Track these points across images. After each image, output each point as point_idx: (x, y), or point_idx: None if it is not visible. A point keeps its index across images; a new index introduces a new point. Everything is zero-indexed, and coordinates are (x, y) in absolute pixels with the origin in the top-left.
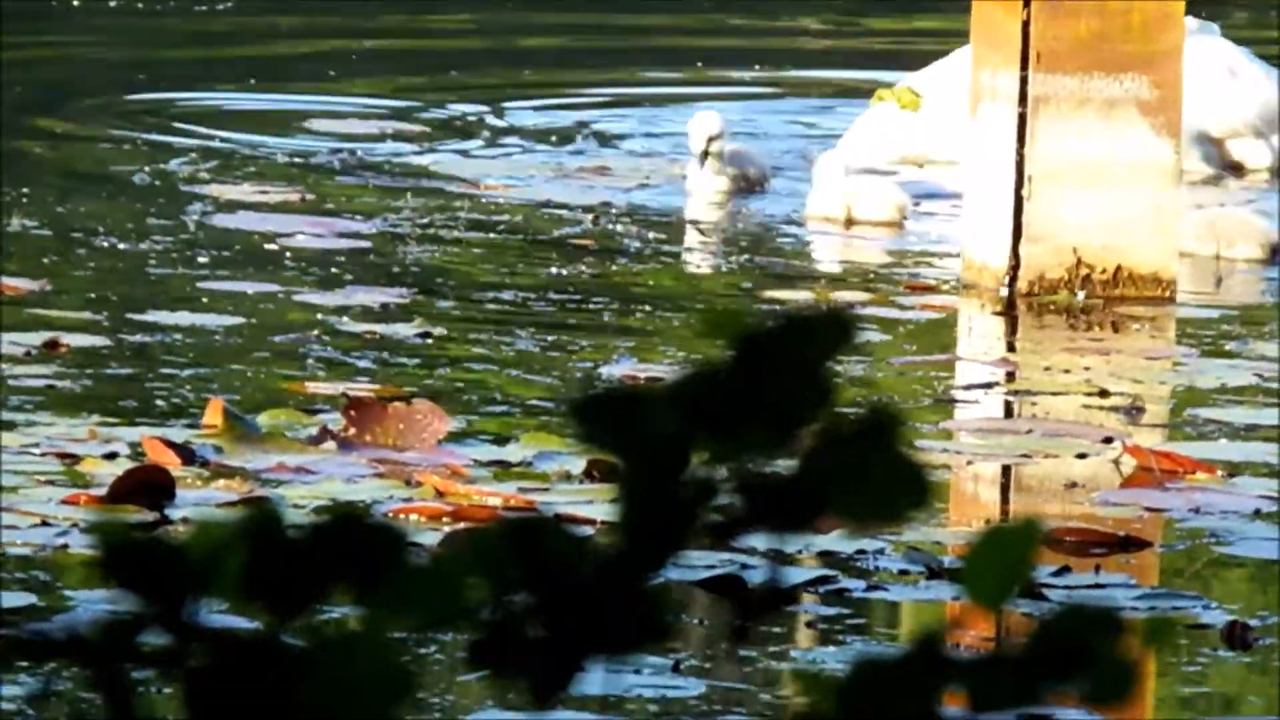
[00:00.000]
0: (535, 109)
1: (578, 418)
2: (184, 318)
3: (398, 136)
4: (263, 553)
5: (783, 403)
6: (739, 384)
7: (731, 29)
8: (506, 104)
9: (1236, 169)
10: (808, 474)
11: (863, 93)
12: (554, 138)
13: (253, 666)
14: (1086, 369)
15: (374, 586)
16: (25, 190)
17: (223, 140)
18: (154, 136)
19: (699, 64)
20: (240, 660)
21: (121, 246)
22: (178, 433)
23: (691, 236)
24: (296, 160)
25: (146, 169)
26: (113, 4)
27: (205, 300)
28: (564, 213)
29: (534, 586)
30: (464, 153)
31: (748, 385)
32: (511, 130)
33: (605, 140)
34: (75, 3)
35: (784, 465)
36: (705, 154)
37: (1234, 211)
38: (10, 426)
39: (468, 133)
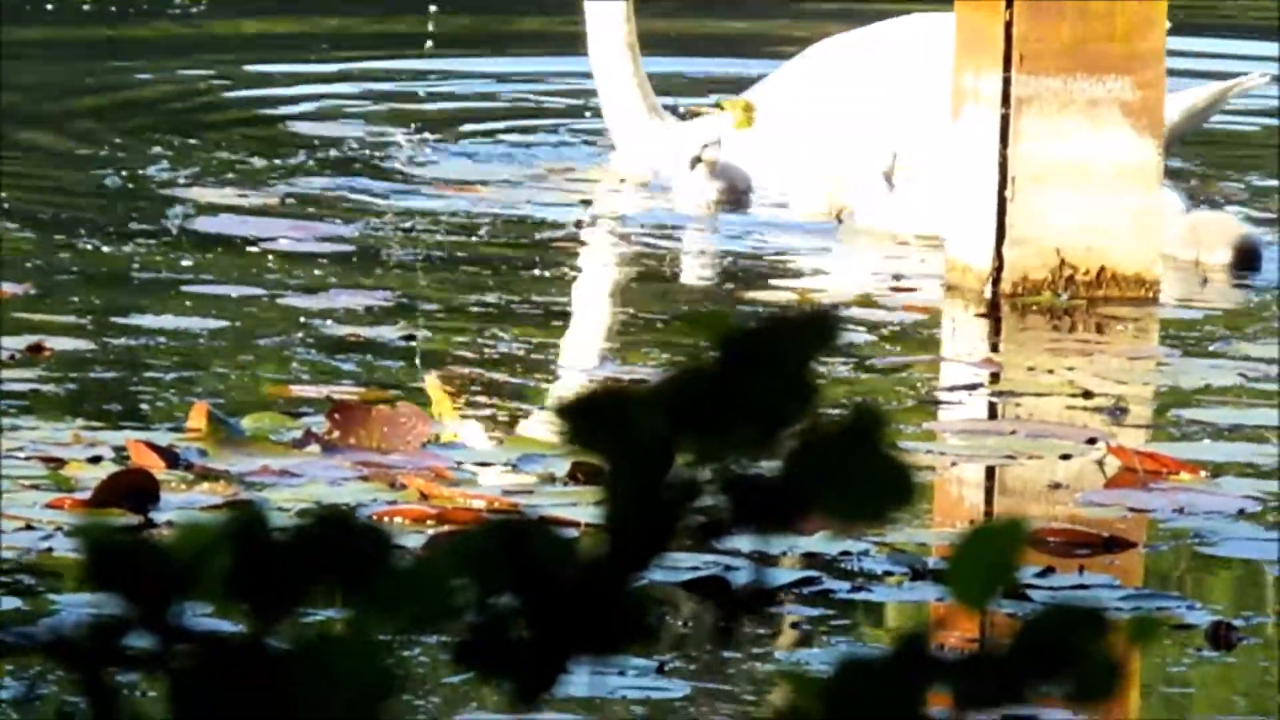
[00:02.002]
0: (509, 105)
1: (563, 418)
2: (168, 321)
3: (377, 138)
4: (248, 554)
5: (766, 403)
6: (723, 385)
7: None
8: (480, 100)
9: None
10: (792, 474)
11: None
12: (530, 138)
13: (238, 668)
14: (1070, 370)
15: (359, 588)
16: (2, 195)
17: (197, 143)
18: (128, 139)
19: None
20: (225, 662)
21: (104, 250)
22: (162, 436)
23: (674, 240)
24: (276, 163)
25: (123, 173)
26: (87, 6)
27: (189, 304)
28: (544, 215)
29: (519, 588)
30: (440, 152)
31: (732, 386)
32: (486, 126)
33: (580, 140)
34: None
35: (768, 466)
36: (698, 159)
37: (1214, 215)
38: None
39: (440, 128)
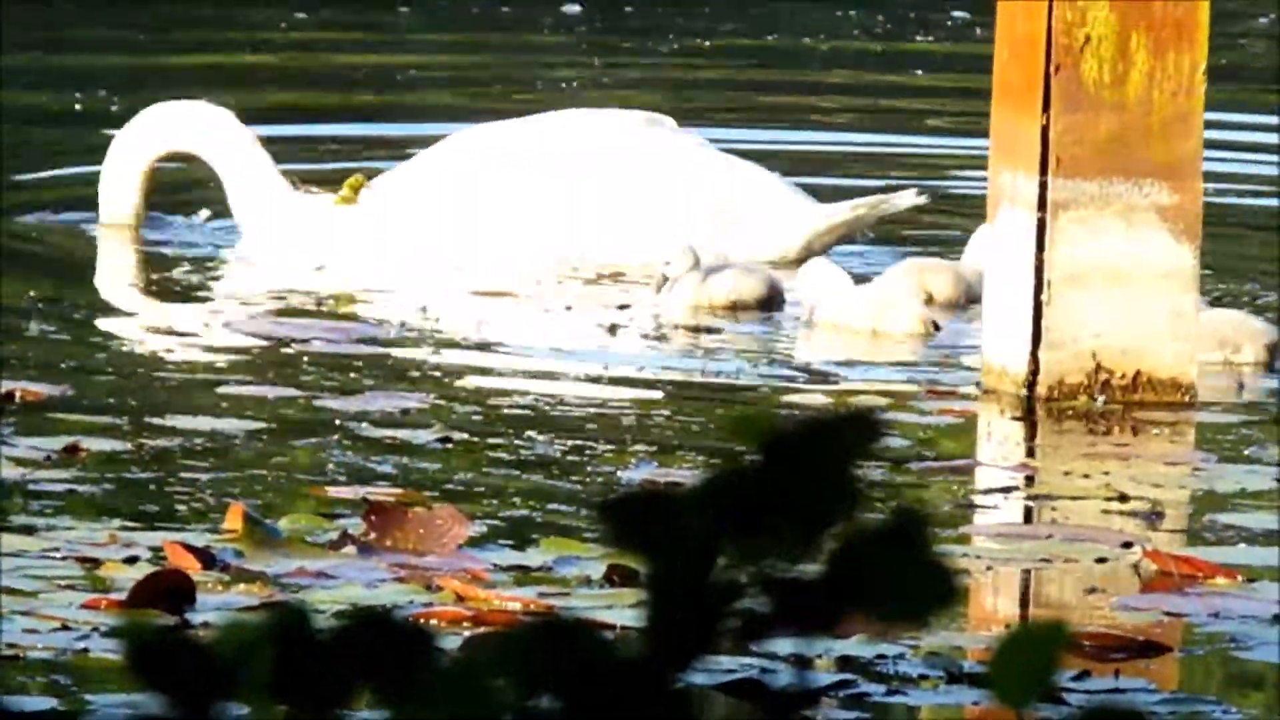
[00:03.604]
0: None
1: (605, 519)
2: (204, 422)
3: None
4: (289, 654)
5: (808, 504)
6: (764, 486)
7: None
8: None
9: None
10: (834, 576)
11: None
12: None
13: None
14: (1106, 474)
15: (401, 688)
16: (32, 293)
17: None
18: (153, 237)
19: None
20: None
21: (140, 351)
22: (198, 537)
23: (705, 340)
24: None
25: (154, 275)
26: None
27: (225, 405)
28: (580, 316)
29: (560, 688)
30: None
31: (773, 487)
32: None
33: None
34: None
35: (810, 567)
36: (664, 279)
37: (1232, 314)
38: (31, 531)
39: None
